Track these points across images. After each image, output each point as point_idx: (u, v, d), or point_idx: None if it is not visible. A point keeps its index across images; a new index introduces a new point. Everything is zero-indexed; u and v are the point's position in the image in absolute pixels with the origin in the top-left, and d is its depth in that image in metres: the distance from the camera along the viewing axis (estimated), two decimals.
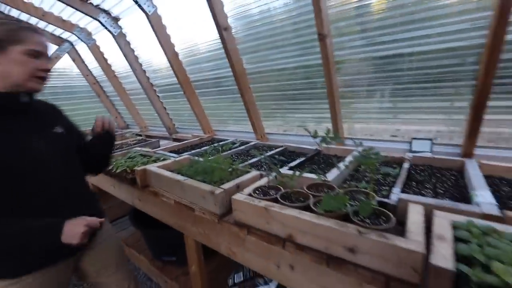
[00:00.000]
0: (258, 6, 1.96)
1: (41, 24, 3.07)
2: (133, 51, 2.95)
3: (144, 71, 3.09)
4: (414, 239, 0.79)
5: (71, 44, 3.62)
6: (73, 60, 3.84)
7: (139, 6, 2.25)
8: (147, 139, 3.04)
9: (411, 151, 1.75)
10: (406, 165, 1.56)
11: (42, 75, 1.01)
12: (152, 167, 1.68)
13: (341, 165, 1.51)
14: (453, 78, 1.53)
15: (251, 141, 2.34)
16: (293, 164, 1.67)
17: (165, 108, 3.38)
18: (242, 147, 2.22)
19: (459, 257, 0.75)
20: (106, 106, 4.27)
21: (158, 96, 3.29)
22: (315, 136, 1.05)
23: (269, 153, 1.97)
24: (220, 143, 2.40)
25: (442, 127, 1.74)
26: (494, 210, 0.91)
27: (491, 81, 1.24)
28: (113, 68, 3.56)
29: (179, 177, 1.47)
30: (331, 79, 1.69)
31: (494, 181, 1.34)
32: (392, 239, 0.79)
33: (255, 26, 2.08)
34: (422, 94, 1.69)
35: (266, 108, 2.49)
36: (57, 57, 3.67)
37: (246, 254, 1.22)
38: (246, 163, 1.76)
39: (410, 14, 1.48)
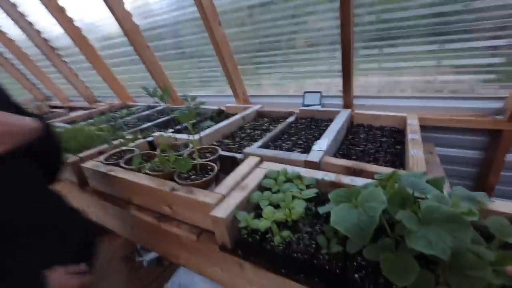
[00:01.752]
0: None
1: None
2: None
3: (38, 31, 2.67)
4: (217, 191, 0.80)
5: None
6: None
7: None
8: (58, 110, 2.80)
9: (303, 104, 1.77)
10: (290, 119, 1.59)
11: None
12: None
13: (221, 123, 1.51)
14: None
15: (160, 106, 2.22)
16: (181, 126, 1.62)
17: (76, 75, 3.04)
18: (147, 112, 2.10)
19: (253, 205, 0.79)
20: (15, 76, 3.74)
21: (64, 61, 2.92)
22: (152, 95, 0.99)
23: (172, 115, 1.89)
24: (124, 110, 2.26)
25: (331, 80, 1.74)
26: (315, 158, 0.95)
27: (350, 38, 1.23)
28: (2, 29, 3.03)
29: None
30: (213, 32, 1.58)
31: (360, 129, 1.41)
32: (196, 194, 0.80)
33: None
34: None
35: (176, 69, 2.33)
36: None
37: (107, 219, 1.20)
38: (142, 127, 1.68)
39: None
